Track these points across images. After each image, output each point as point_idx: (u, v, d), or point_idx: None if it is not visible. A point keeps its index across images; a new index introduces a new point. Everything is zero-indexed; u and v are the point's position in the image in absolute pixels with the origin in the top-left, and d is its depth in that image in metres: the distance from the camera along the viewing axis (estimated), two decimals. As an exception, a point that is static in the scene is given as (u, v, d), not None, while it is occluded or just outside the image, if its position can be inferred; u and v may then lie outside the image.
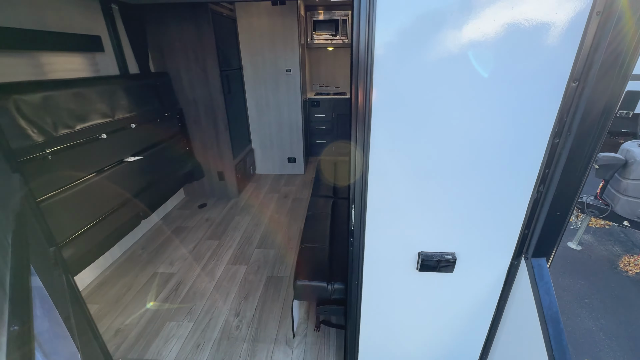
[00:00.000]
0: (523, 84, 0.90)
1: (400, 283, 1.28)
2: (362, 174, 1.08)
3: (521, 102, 0.92)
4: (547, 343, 1.00)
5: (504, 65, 0.88)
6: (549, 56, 0.86)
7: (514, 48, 0.86)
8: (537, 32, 0.84)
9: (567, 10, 0.81)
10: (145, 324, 2.04)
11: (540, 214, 1.07)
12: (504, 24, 0.84)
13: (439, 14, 0.84)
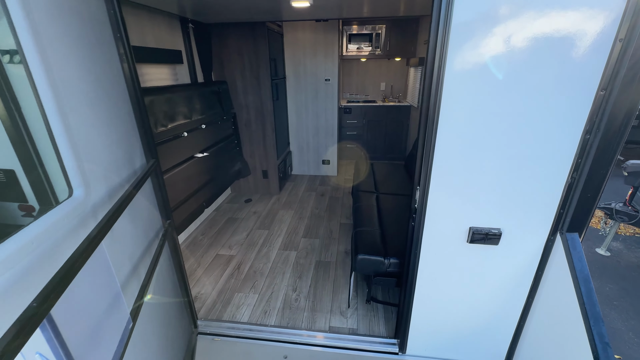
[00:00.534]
0: (562, 91, 1.19)
1: (452, 254, 1.56)
2: (428, 163, 1.38)
3: (560, 105, 1.21)
4: (580, 299, 1.26)
5: (546, 77, 1.18)
6: (583, 70, 1.15)
7: (555, 65, 1.15)
8: (575, 53, 1.13)
9: (597, 37, 1.10)
10: (217, 294, 2.40)
11: (574, 196, 1.34)
12: (550, 50, 1.13)
13: (498, 57, 1.15)
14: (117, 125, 1.29)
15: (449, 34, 1.16)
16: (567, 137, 1.26)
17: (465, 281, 1.63)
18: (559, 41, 1.12)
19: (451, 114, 1.29)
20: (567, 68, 1.15)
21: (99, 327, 0.99)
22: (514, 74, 1.19)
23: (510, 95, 1.22)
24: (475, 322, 1.73)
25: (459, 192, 1.42)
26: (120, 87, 1.34)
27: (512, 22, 1.12)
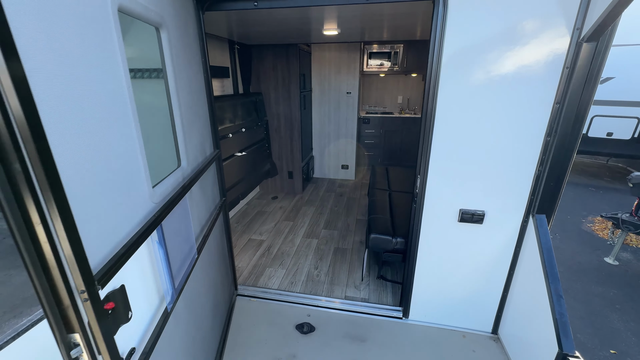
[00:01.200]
0: (528, 103, 1.60)
1: (446, 231, 1.96)
2: (426, 154, 1.81)
3: (527, 114, 1.62)
4: (543, 264, 1.63)
5: (516, 93, 1.59)
6: (543, 88, 1.56)
7: (523, 84, 1.57)
8: (536, 76, 1.54)
9: (550, 65, 1.51)
10: (251, 268, 2.87)
11: (541, 184, 1.72)
12: (519, 74, 1.56)
13: (479, 79, 1.59)
14: (201, 122, 1.82)
15: (441, 60, 1.62)
16: (533, 139, 1.66)
17: (456, 255, 2.02)
18: (525, 67, 1.55)
19: (444, 120, 1.72)
20: (532, 86, 1.57)
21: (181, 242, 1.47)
22: (492, 89, 1.62)
23: (489, 107, 1.65)
24: (466, 292, 2.09)
25: (450, 180, 1.84)
26: (202, 95, 1.87)
27: (489, 53, 1.56)
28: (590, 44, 1.43)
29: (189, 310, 1.52)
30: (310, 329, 2.16)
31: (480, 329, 2.16)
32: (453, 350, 2.01)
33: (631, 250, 4.41)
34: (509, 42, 1.53)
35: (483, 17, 1.51)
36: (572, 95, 1.51)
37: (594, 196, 6.30)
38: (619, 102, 6.39)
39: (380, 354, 1.97)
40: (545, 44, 1.49)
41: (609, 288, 3.51)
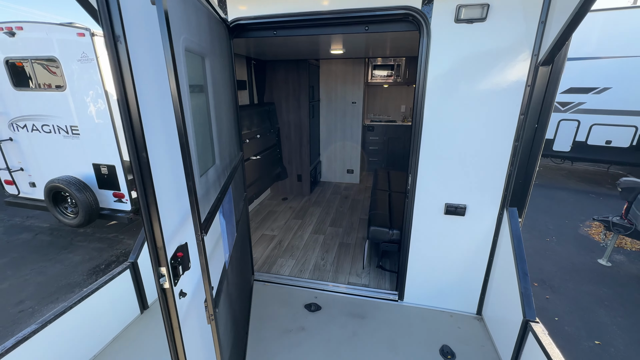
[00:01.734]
0: (500, 114, 1.94)
1: (433, 223, 2.28)
2: (416, 155, 2.16)
3: (498, 123, 1.96)
4: (513, 249, 1.94)
5: (490, 106, 1.94)
6: (510, 103, 1.90)
7: (495, 99, 1.92)
8: (505, 93, 1.89)
9: (515, 84, 1.86)
10: (265, 258, 3.23)
11: (512, 182, 2.04)
12: (492, 90, 1.91)
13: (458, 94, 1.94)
14: (229, 128, 2.21)
15: (427, 78, 1.98)
16: (504, 143, 1.99)
17: (443, 244, 2.33)
18: (495, 85, 1.90)
19: (430, 127, 2.08)
20: (501, 100, 1.92)
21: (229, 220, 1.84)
22: (469, 103, 1.97)
23: (468, 117, 2.00)
24: (453, 277, 2.40)
25: (436, 177, 2.18)
26: (231, 106, 2.26)
27: (466, 73, 1.92)
28: (545, 67, 1.77)
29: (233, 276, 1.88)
30: (317, 308, 2.50)
31: (466, 310, 2.46)
32: (441, 327, 2.31)
33: (624, 252, 4.62)
34: (481, 64, 1.88)
35: (460, 45, 1.87)
36: (533, 108, 1.85)
37: (594, 202, 6.49)
38: (617, 111, 6.62)
39: (377, 328, 2.29)
40: (510, 67, 1.84)
41: (600, 287, 3.74)
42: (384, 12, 1.91)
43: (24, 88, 3.98)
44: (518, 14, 1.74)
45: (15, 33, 3.88)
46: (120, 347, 2.13)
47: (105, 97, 3.69)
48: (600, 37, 6.22)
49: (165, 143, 1.13)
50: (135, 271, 2.36)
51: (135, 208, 4.29)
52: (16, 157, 4.57)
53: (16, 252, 4.53)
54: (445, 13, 1.84)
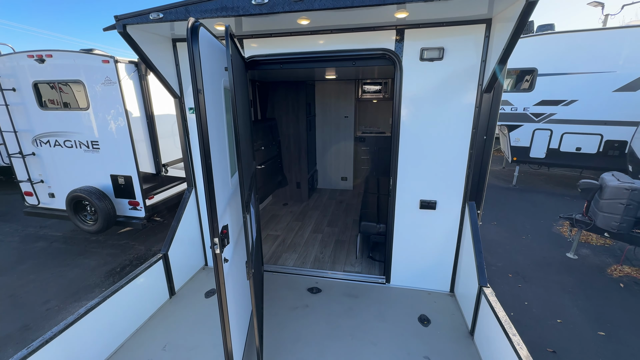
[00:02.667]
0: (458, 127, 2.51)
1: (411, 216, 2.81)
2: (395, 161, 2.70)
3: (458, 135, 2.53)
4: (471, 234, 2.48)
5: (450, 122, 2.51)
6: (466, 119, 2.48)
7: (454, 116, 2.49)
8: (461, 111, 2.46)
9: (467, 105, 2.43)
10: (271, 254, 3.71)
11: (470, 181, 2.59)
12: (449, 108, 2.48)
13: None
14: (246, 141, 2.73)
15: (402, 100, 2.55)
16: (463, 151, 2.56)
17: (420, 234, 2.86)
18: (454, 106, 2.48)
19: (405, 138, 2.64)
20: (458, 118, 2.50)
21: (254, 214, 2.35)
22: (435, 119, 2.54)
23: (434, 130, 2.56)
24: (429, 261, 2.92)
25: (412, 178, 2.73)
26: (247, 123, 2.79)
27: (431, 96, 2.49)
28: (488, 93, 2.36)
29: (256, 261, 2.37)
30: (318, 290, 2.98)
31: (441, 289, 2.97)
32: (420, 302, 2.82)
33: (590, 247, 5.20)
34: (442, 91, 2.46)
35: (425, 77, 2.46)
36: (482, 124, 2.43)
37: (568, 203, 7.13)
38: (584, 121, 7.34)
39: (368, 304, 2.78)
40: (463, 93, 2.43)
41: (566, 276, 4.28)
42: (367, 52, 2.49)
43: (50, 108, 4.47)
44: (466, 55, 2.34)
45: (44, 60, 4.40)
46: (154, 325, 2.58)
47: (125, 115, 4.18)
48: (567, 55, 6.97)
49: (217, 154, 1.65)
50: (166, 262, 2.82)
51: (149, 215, 4.74)
52: (37, 170, 5.02)
53: (35, 258, 4.93)
54: (413, 53, 2.42)
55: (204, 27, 1.50)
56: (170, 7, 2.08)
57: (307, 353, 2.21)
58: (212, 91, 1.54)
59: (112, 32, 2.26)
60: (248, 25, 2.45)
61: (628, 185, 4.11)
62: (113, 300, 2.29)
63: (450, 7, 1.98)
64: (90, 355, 2.10)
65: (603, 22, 10.90)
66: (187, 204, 3.09)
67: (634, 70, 6.60)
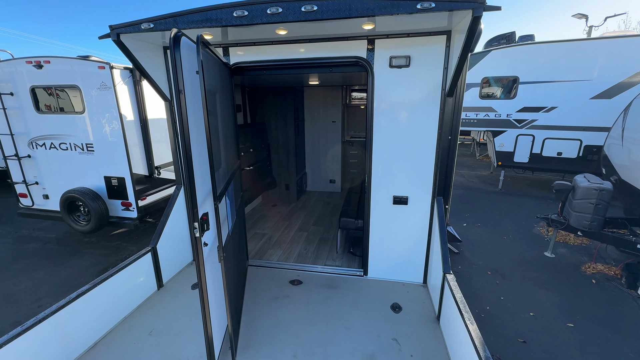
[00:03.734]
0: (425, 129, 2.74)
1: (385, 211, 3.02)
2: (370, 159, 2.92)
3: (426, 136, 2.75)
4: (438, 226, 2.68)
5: (418, 123, 2.73)
6: (431, 121, 2.71)
7: (421, 119, 2.72)
8: (427, 115, 2.69)
9: (432, 108, 2.67)
10: (257, 250, 3.89)
11: (437, 179, 2.81)
12: (416, 110, 2.71)
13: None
14: (231, 141, 2.93)
15: (374, 103, 2.77)
16: (430, 150, 2.79)
17: (394, 228, 3.06)
18: (421, 108, 2.71)
19: (378, 139, 2.85)
20: (425, 119, 2.73)
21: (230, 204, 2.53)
22: (404, 121, 2.77)
23: (404, 131, 2.79)
24: (403, 255, 3.11)
25: (385, 176, 2.94)
26: (232, 124, 3.00)
27: (400, 100, 2.72)
28: (450, 97, 2.59)
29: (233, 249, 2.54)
30: (299, 282, 3.15)
31: (415, 281, 3.16)
32: (394, 292, 3.00)
33: (568, 246, 5.42)
34: (410, 95, 2.70)
35: (395, 82, 2.70)
36: (446, 125, 2.66)
37: (550, 206, 7.38)
38: (564, 126, 7.65)
39: (345, 294, 2.96)
40: (429, 97, 2.66)
41: (542, 273, 4.48)
42: (342, 59, 2.73)
43: (46, 111, 4.64)
44: (430, 62, 2.58)
45: (42, 66, 4.60)
46: (142, 313, 2.73)
47: (120, 119, 4.37)
48: (547, 64, 7.32)
49: (198, 148, 1.85)
50: (154, 254, 2.99)
51: (141, 216, 4.89)
52: (32, 172, 5.17)
53: (28, 259, 5.03)
54: (383, 61, 2.66)
55: (186, 37, 1.72)
56: (160, 18, 2.30)
57: (283, 337, 2.38)
58: (193, 92, 1.75)
59: (108, 40, 2.47)
60: (233, 35, 2.68)
61: (597, 186, 4.35)
62: (103, 287, 2.45)
63: (414, 20, 2.23)
64: (81, 338, 2.25)
65: (587, 34, 11.37)
66: (176, 200, 3.26)
67: (609, 79, 6.95)
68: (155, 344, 2.33)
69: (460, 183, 9.37)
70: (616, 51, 6.76)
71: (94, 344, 2.34)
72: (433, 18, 2.21)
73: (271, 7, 2.09)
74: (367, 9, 1.99)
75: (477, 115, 8.20)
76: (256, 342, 2.34)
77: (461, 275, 4.26)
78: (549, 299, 3.93)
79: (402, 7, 1.95)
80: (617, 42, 6.82)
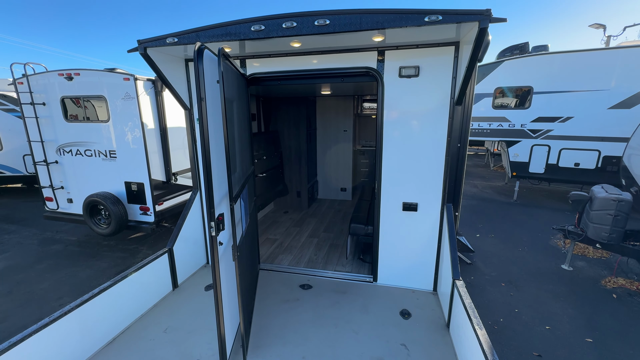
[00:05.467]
0: (435, 137, 2.80)
1: (395, 218, 3.05)
2: (380, 165, 2.98)
3: (435, 144, 2.80)
4: (449, 234, 2.70)
5: (428, 131, 2.79)
6: (441, 129, 2.76)
7: (431, 127, 2.78)
8: (437, 122, 2.75)
9: (442, 117, 2.72)
10: (268, 255, 3.96)
11: (447, 185, 2.84)
12: (426, 120, 2.78)
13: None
14: (246, 148, 3.06)
15: (384, 111, 2.86)
16: (439, 157, 2.83)
17: (404, 234, 3.08)
18: (431, 117, 2.77)
19: (387, 148, 2.92)
20: (435, 128, 2.78)
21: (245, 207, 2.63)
22: (414, 130, 2.83)
23: (414, 139, 2.85)
24: (412, 261, 3.12)
25: (395, 183, 2.99)
26: (247, 132, 3.13)
27: (410, 109, 2.80)
28: (459, 106, 2.65)
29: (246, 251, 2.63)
30: (309, 287, 3.20)
31: (425, 288, 3.15)
32: (404, 298, 3.00)
33: (586, 259, 5.25)
34: (419, 104, 2.77)
35: (404, 92, 2.78)
36: (455, 133, 2.71)
37: (567, 218, 7.17)
38: (581, 137, 7.50)
39: (354, 299, 2.98)
40: (438, 106, 2.73)
41: (559, 286, 4.36)
42: (353, 70, 2.84)
43: (74, 120, 4.95)
44: (438, 72, 2.66)
45: (73, 78, 4.92)
46: (158, 312, 2.84)
47: (141, 127, 4.61)
48: (561, 74, 7.26)
49: (216, 152, 1.97)
50: (171, 256, 3.11)
51: (158, 220, 5.07)
52: (59, 177, 5.46)
53: (51, 259, 5.28)
54: (393, 71, 2.76)
55: (208, 50, 1.86)
56: (184, 33, 2.48)
57: (292, 338, 2.42)
58: (213, 100, 1.88)
59: (131, 55, 2.67)
60: (250, 48, 2.84)
61: (615, 197, 4.24)
62: (122, 285, 2.57)
63: (422, 31, 2.32)
64: (102, 332, 2.37)
65: (606, 44, 11.20)
66: (192, 204, 3.40)
67: (627, 89, 6.81)
68: (169, 341, 2.42)
69: (474, 194, 9.24)
70: (634, 60, 6.65)
71: (112, 339, 2.45)
72: (441, 30, 2.29)
73: (286, 22, 2.24)
74: (377, 22, 2.10)
75: (490, 125, 8.14)
76: (267, 342, 2.39)
77: (474, 286, 4.19)
78: (566, 312, 3.81)
79: (411, 20, 2.04)
80: (635, 51, 6.71)
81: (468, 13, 1.95)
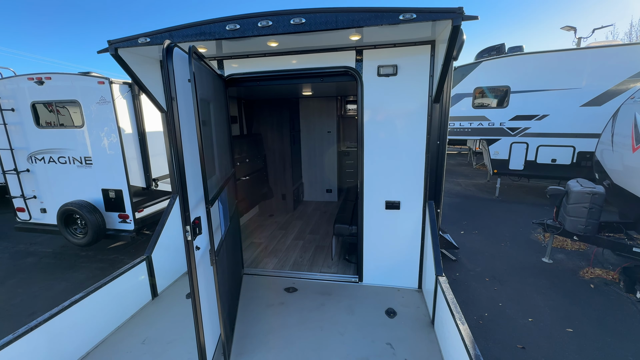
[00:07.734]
0: (415, 135, 2.81)
1: (378, 216, 3.05)
2: (361, 163, 2.97)
3: (415, 142, 2.82)
4: (430, 231, 2.71)
5: (408, 129, 2.81)
6: (420, 126, 2.79)
7: (411, 125, 2.80)
8: (416, 120, 2.77)
9: (420, 115, 2.75)
10: (253, 259, 3.89)
11: (428, 183, 2.86)
12: (405, 117, 2.79)
13: (386, 121, 2.83)
14: (225, 151, 2.99)
15: (364, 110, 2.86)
16: (419, 155, 2.85)
17: (387, 233, 3.08)
18: (410, 115, 2.79)
19: (369, 144, 2.92)
20: (415, 126, 2.80)
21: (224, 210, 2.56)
22: (393, 127, 2.84)
23: (393, 137, 2.86)
24: (397, 260, 3.12)
25: (377, 181, 2.99)
26: (226, 134, 3.07)
27: (389, 107, 2.81)
28: (437, 103, 2.68)
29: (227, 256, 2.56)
30: (294, 290, 3.15)
31: (410, 286, 3.16)
32: (389, 297, 2.99)
33: (565, 252, 5.41)
34: (399, 103, 2.79)
35: (383, 90, 2.79)
36: (434, 130, 2.74)
37: (546, 213, 7.39)
38: (557, 134, 7.76)
39: (340, 300, 2.95)
40: (417, 104, 2.75)
41: (540, 279, 4.46)
42: (332, 69, 2.84)
43: (46, 126, 4.73)
44: (416, 71, 2.68)
45: (44, 82, 4.72)
46: (136, 322, 2.72)
47: (118, 132, 4.45)
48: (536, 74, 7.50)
49: (190, 154, 1.90)
50: (149, 264, 2.99)
51: (138, 228, 4.90)
52: (31, 186, 5.20)
53: (24, 273, 5.00)
54: (371, 70, 2.77)
55: (179, 48, 1.81)
56: (156, 33, 2.41)
57: (277, 343, 2.36)
58: (186, 101, 1.82)
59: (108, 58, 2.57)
60: (227, 48, 2.79)
61: (589, 190, 4.39)
62: (96, 296, 2.45)
63: (399, 30, 2.34)
64: (73, 347, 2.24)
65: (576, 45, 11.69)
66: (172, 209, 3.30)
67: (597, 87, 7.12)
68: (148, 353, 2.31)
69: (458, 192, 9.42)
70: (603, 60, 6.96)
71: (86, 354, 2.32)
72: (417, 28, 2.32)
73: (262, 21, 2.20)
74: (353, 21, 2.09)
75: (471, 124, 8.33)
76: (250, 349, 2.33)
77: (459, 282, 4.24)
78: (548, 304, 3.91)
79: (386, 18, 2.05)
80: (603, 51, 7.03)
81: (441, 11, 1.97)
